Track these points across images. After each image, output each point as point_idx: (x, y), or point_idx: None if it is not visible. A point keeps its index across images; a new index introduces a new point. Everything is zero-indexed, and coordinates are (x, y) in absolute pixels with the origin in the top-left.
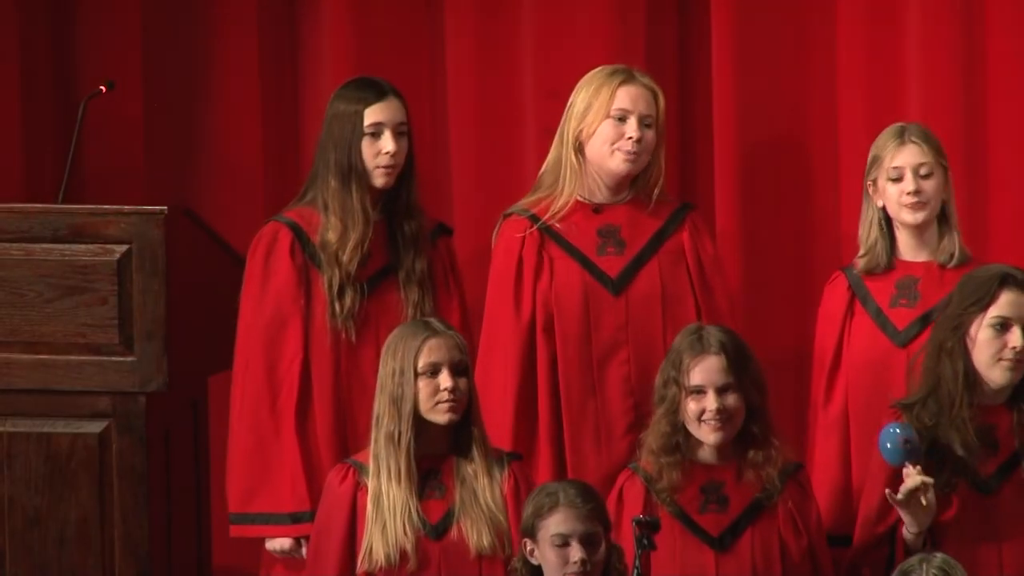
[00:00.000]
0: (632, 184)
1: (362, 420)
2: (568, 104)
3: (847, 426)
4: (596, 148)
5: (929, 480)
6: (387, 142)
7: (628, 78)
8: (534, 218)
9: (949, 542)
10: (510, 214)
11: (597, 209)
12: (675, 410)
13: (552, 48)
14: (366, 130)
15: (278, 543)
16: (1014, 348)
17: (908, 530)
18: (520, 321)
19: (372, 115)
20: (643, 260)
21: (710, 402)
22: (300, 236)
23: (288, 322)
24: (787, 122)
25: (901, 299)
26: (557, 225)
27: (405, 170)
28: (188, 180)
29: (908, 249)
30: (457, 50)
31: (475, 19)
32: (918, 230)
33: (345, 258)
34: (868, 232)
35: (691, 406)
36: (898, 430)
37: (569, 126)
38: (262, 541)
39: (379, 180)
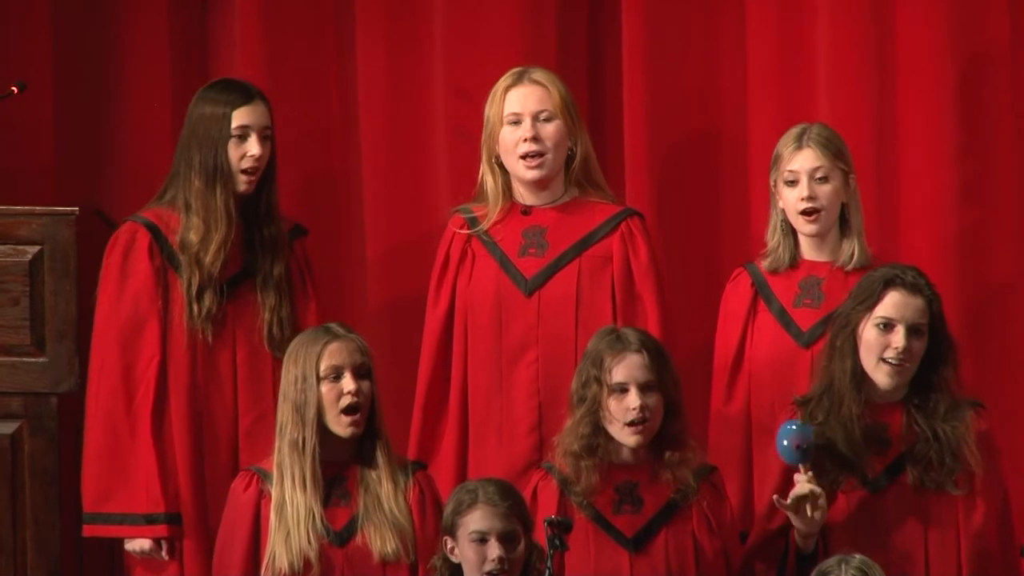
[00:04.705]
0: (567, 183)
1: (219, 421)
2: None
3: (748, 425)
4: (505, 158)
5: (818, 490)
6: (252, 145)
7: (515, 81)
8: (473, 221)
9: (838, 540)
10: (454, 212)
11: (526, 211)
12: (596, 410)
13: (463, 47)
14: (233, 132)
15: (137, 544)
16: (896, 348)
17: (798, 533)
18: (435, 315)
19: (239, 118)
20: (562, 263)
21: (632, 399)
22: (158, 237)
23: (146, 323)
24: (697, 120)
25: (805, 299)
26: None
27: (266, 174)
28: (99, 181)
29: (810, 250)
30: (367, 49)
31: (385, 18)
32: (818, 234)
33: (208, 259)
34: (772, 233)
35: (613, 405)
36: (794, 427)
37: (483, 139)
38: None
39: (241, 185)
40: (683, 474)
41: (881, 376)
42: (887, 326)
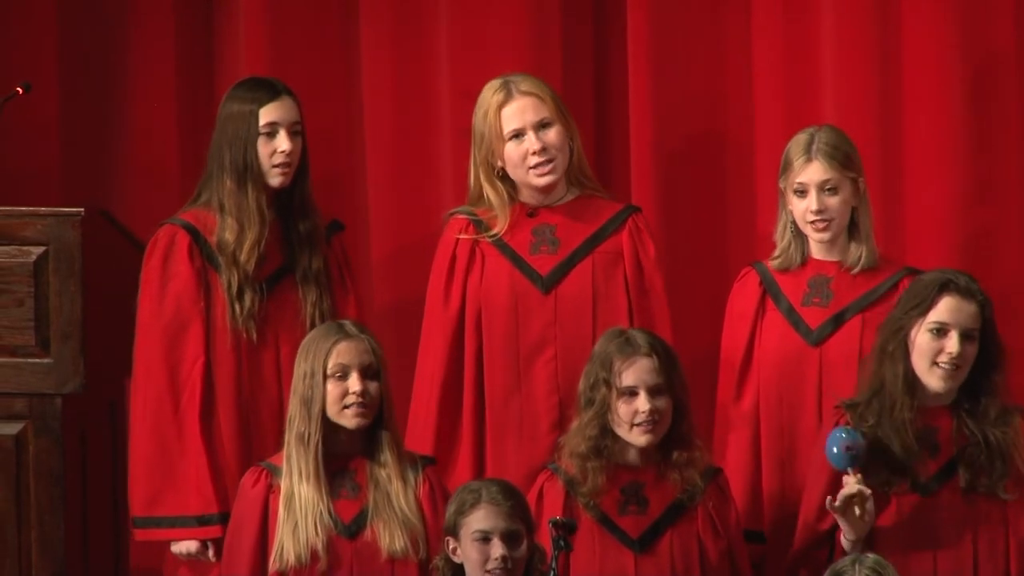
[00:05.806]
0: (568, 182)
1: (265, 420)
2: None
3: (758, 423)
4: (514, 172)
5: (867, 491)
6: (282, 141)
7: (506, 96)
8: (478, 223)
9: (886, 543)
10: (454, 214)
11: (532, 213)
12: (604, 412)
13: (468, 49)
14: (261, 130)
15: (184, 546)
16: (950, 354)
17: (845, 537)
18: (447, 315)
19: (267, 115)
20: (576, 259)
21: (642, 403)
22: (197, 238)
23: (189, 325)
24: (703, 121)
25: (814, 298)
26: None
27: (299, 169)
28: (104, 181)
29: (820, 251)
30: (372, 50)
31: (390, 19)
32: (829, 241)
33: (243, 258)
34: (782, 234)
35: (622, 408)
36: (844, 435)
37: (478, 156)
38: (169, 544)
39: (275, 180)
40: (690, 474)
41: (934, 380)
42: (940, 331)
